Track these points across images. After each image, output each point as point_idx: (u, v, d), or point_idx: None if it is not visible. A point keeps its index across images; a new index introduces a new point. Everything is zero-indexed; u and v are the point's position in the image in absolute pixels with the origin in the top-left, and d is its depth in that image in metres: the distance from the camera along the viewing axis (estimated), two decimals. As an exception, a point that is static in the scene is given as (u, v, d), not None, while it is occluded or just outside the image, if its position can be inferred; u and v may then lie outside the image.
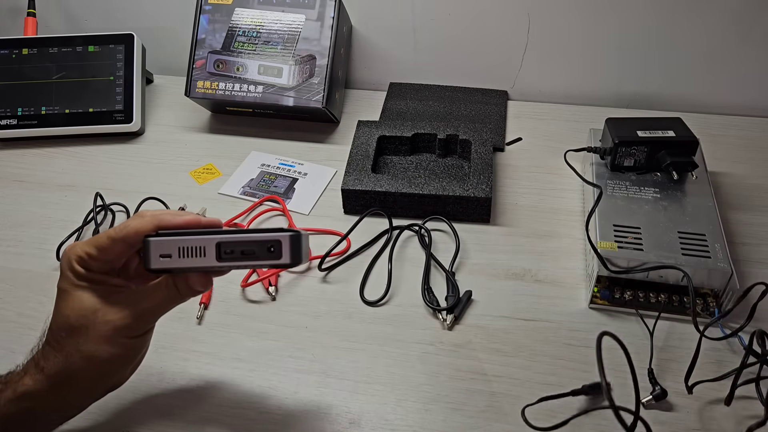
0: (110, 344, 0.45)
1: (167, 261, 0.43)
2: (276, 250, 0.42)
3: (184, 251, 0.43)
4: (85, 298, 0.45)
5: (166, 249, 0.43)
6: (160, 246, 0.43)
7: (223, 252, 0.42)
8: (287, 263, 0.42)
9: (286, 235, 0.42)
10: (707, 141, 0.80)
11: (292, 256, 0.42)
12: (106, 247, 0.45)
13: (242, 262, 0.42)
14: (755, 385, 0.56)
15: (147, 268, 0.43)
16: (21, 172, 0.87)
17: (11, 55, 0.92)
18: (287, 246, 0.42)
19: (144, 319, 0.47)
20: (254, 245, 0.42)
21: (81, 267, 0.46)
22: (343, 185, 0.76)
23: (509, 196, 0.80)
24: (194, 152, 0.89)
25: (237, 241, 0.42)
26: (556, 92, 0.98)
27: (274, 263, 0.42)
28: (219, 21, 0.89)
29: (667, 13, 0.88)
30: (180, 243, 0.43)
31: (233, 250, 0.43)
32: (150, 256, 0.43)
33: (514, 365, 0.60)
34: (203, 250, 0.42)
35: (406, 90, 1.00)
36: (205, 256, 0.43)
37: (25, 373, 0.47)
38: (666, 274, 0.62)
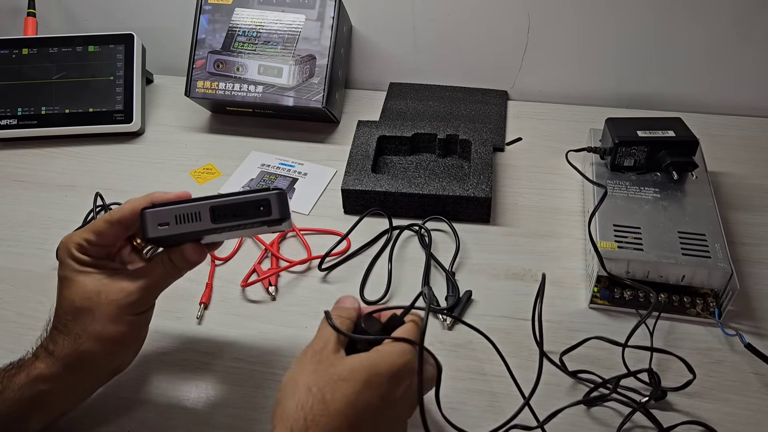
0: (116, 322, 0.48)
1: (165, 229, 0.46)
2: (265, 208, 0.46)
3: (180, 218, 0.46)
4: (88, 281, 0.48)
5: (164, 217, 0.46)
6: (157, 215, 0.46)
7: (217, 215, 0.45)
8: (277, 218, 0.45)
9: (273, 193, 0.46)
10: (707, 141, 0.80)
11: (281, 211, 0.46)
12: (104, 230, 0.48)
13: (235, 221, 0.46)
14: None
15: (145, 237, 0.46)
16: (21, 172, 0.87)
17: (11, 55, 0.92)
18: (275, 203, 0.46)
19: (146, 296, 0.49)
20: (245, 206, 0.46)
21: (81, 254, 0.48)
22: (343, 185, 0.76)
23: (509, 196, 0.80)
24: (194, 152, 0.89)
25: (229, 203, 0.46)
26: (556, 92, 0.98)
27: (265, 220, 0.46)
28: (219, 21, 0.89)
29: (666, 13, 0.88)
30: (176, 211, 0.46)
31: (226, 212, 0.46)
32: (148, 225, 0.46)
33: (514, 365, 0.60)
34: (198, 215, 0.46)
35: (406, 90, 1.00)
36: (201, 221, 0.46)
37: (36, 358, 0.48)
38: (666, 273, 0.62)
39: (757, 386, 0.57)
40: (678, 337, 0.62)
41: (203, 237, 0.48)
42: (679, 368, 0.58)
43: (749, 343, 0.59)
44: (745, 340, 0.60)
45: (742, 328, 0.62)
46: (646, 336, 0.61)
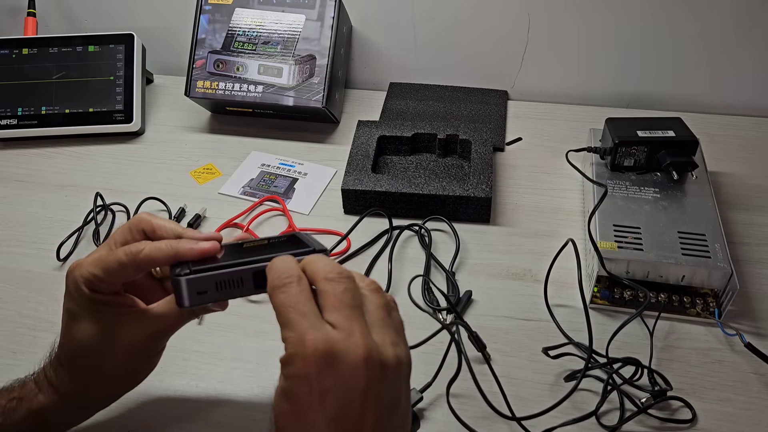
0: (127, 366, 0.46)
1: (204, 297, 0.41)
2: None
3: (221, 285, 0.41)
4: (96, 321, 0.44)
5: (203, 286, 0.41)
6: (196, 284, 0.40)
7: (259, 281, 0.41)
8: None
9: (319, 250, 0.42)
10: (707, 141, 0.80)
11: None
12: (115, 271, 0.43)
13: None
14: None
15: (182, 306, 0.41)
16: (21, 172, 0.87)
17: (11, 55, 0.92)
18: None
19: (158, 339, 0.47)
20: None
21: (88, 289, 0.43)
22: (343, 185, 0.76)
23: (509, 196, 0.80)
24: (194, 152, 0.89)
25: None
26: (556, 92, 0.98)
27: None
28: (219, 21, 0.89)
29: (667, 13, 0.88)
30: (217, 278, 0.41)
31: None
32: (185, 295, 0.41)
33: (514, 365, 0.60)
34: (241, 281, 0.41)
35: (406, 90, 1.00)
36: (243, 287, 0.41)
37: (39, 390, 0.47)
38: (666, 273, 0.62)
39: (758, 386, 0.57)
40: (678, 337, 0.62)
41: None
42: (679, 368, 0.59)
43: (749, 343, 0.59)
44: (745, 340, 0.60)
45: (742, 328, 0.62)
46: (646, 336, 0.61)
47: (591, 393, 0.57)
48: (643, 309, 0.61)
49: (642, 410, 0.54)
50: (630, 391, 0.57)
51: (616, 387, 0.56)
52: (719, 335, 0.62)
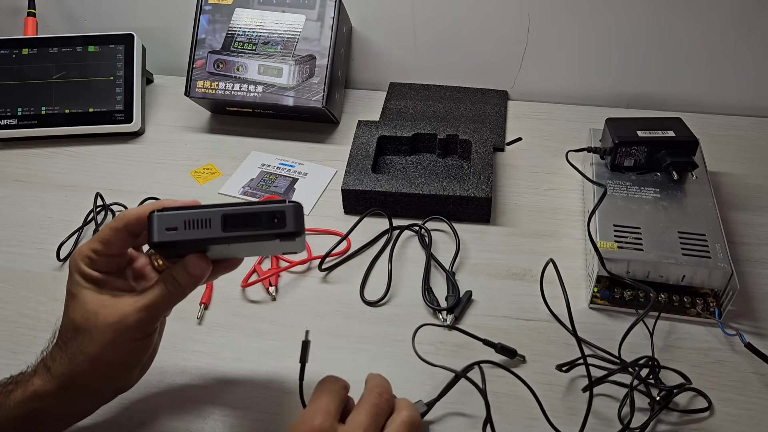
0: (113, 348, 0.45)
1: (172, 233, 0.43)
2: (280, 220, 0.43)
3: (189, 224, 0.43)
4: (90, 300, 0.45)
5: (172, 222, 0.43)
6: (165, 220, 0.43)
7: (228, 223, 0.43)
8: (291, 231, 0.43)
9: (290, 205, 0.43)
10: (707, 141, 0.80)
11: (296, 224, 0.43)
12: (110, 238, 0.46)
13: (247, 231, 0.43)
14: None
15: (151, 241, 0.43)
16: (21, 172, 0.87)
17: (11, 55, 0.92)
18: (291, 215, 0.43)
19: (145, 320, 0.46)
20: (259, 216, 0.43)
21: (88, 267, 0.46)
22: (343, 185, 0.76)
23: (509, 196, 0.80)
24: (194, 152, 0.89)
25: (242, 212, 0.43)
26: (556, 92, 0.98)
27: (278, 232, 0.43)
28: (219, 21, 0.89)
29: (666, 13, 0.88)
30: (186, 216, 0.43)
31: (238, 221, 0.43)
32: (155, 229, 0.43)
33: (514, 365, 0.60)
34: (209, 221, 0.43)
35: (406, 90, 1.00)
36: (211, 228, 0.43)
37: (35, 373, 0.47)
38: (666, 273, 0.62)
39: (758, 386, 0.57)
40: (678, 337, 0.62)
41: (211, 248, 0.46)
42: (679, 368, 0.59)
43: (749, 343, 0.59)
44: (745, 340, 0.60)
45: (742, 328, 0.62)
46: (646, 336, 0.61)
47: (605, 397, 0.57)
48: (650, 309, 0.61)
49: (663, 406, 0.55)
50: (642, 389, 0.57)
51: (633, 388, 0.56)
52: (719, 335, 0.62)
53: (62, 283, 0.56)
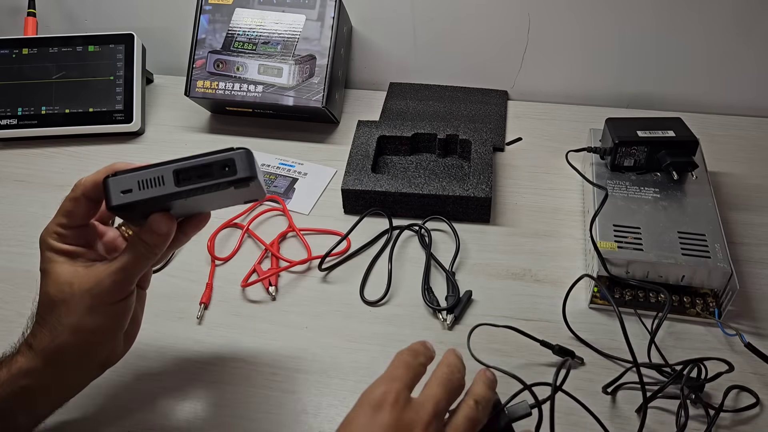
0: (91, 313, 0.46)
1: (129, 195, 0.44)
2: (231, 168, 0.44)
3: (143, 183, 0.44)
4: (63, 272, 0.46)
5: (126, 184, 0.44)
6: (119, 183, 0.44)
7: (180, 178, 0.44)
8: (244, 177, 0.44)
9: (238, 152, 0.44)
10: (707, 141, 0.80)
11: (248, 169, 0.44)
12: (71, 209, 0.47)
13: (200, 183, 0.44)
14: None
15: (109, 206, 0.44)
16: (21, 172, 0.87)
17: (11, 55, 0.92)
18: (242, 162, 0.44)
19: (120, 282, 0.46)
20: (209, 167, 0.44)
21: (58, 242, 0.47)
22: (343, 185, 0.76)
23: (509, 196, 0.80)
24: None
25: (193, 165, 0.44)
26: (556, 92, 0.98)
27: (231, 179, 0.44)
28: (219, 21, 0.89)
29: (667, 13, 0.88)
30: (138, 176, 0.44)
31: (190, 174, 0.44)
32: (111, 193, 0.44)
33: (514, 365, 0.60)
34: (161, 179, 0.44)
35: (406, 90, 1.00)
36: (165, 185, 0.44)
37: (18, 352, 0.47)
38: (666, 273, 0.62)
39: (758, 386, 0.57)
40: (678, 337, 0.62)
41: (171, 204, 0.46)
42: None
43: (749, 343, 0.59)
44: (745, 340, 0.60)
45: (742, 328, 0.62)
46: (646, 336, 0.61)
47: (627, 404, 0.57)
48: (668, 311, 0.61)
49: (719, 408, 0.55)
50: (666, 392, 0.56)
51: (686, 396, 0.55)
52: (719, 335, 0.62)
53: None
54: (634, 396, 0.57)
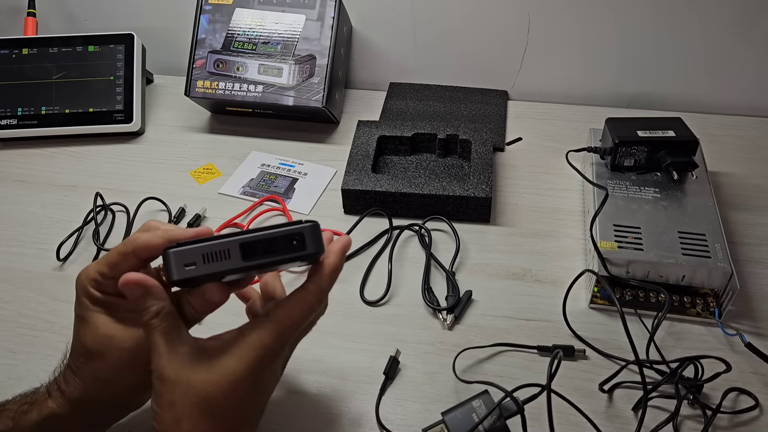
0: (128, 372, 0.45)
1: (192, 270, 0.41)
2: (299, 242, 0.42)
3: (208, 257, 0.41)
4: (101, 324, 0.44)
5: (190, 257, 0.41)
6: (183, 255, 0.41)
7: (247, 252, 0.42)
8: (312, 252, 0.42)
9: (307, 225, 0.42)
10: (707, 141, 0.80)
11: (316, 245, 0.42)
12: (117, 262, 0.44)
13: (267, 258, 0.42)
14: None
15: (170, 280, 0.41)
16: (21, 172, 0.87)
17: (11, 55, 0.92)
18: (310, 236, 0.42)
19: None
20: (278, 241, 0.42)
21: (95, 290, 0.45)
22: (343, 185, 0.76)
23: (509, 196, 0.80)
24: (194, 152, 0.89)
25: (260, 239, 0.42)
26: (556, 92, 0.98)
27: (299, 255, 0.42)
28: (219, 21, 0.89)
29: (667, 13, 0.88)
30: (203, 249, 0.41)
31: (257, 249, 0.42)
32: (173, 267, 0.41)
33: (514, 365, 0.60)
34: (227, 252, 0.41)
35: (406, 90, 1.00)
36: (230, 258, 0.41)
37: (49, 395, 0.47)
38: (666, 273, 0.62)
39: (758, 386, 0.57)
40: (678, 337, 0.62)
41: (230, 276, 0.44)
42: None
43: (749, 343, 0.59)
44: (745, 340, 0.60)
45: (742, 328, 0.62)
46: (645, 336, 0.61)
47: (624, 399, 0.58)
48: (668, 311, 0.61)
49: (716, 410, 0.55)
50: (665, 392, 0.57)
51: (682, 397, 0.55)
52: (719, 335, 0.62)
53: (62, 282, 0.56)
54: (631, 394, 0.57)
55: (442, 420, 0.53)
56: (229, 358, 0.42)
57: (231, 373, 0.41)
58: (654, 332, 0.60)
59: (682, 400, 0.55)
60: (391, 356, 0.60)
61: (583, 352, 0.61)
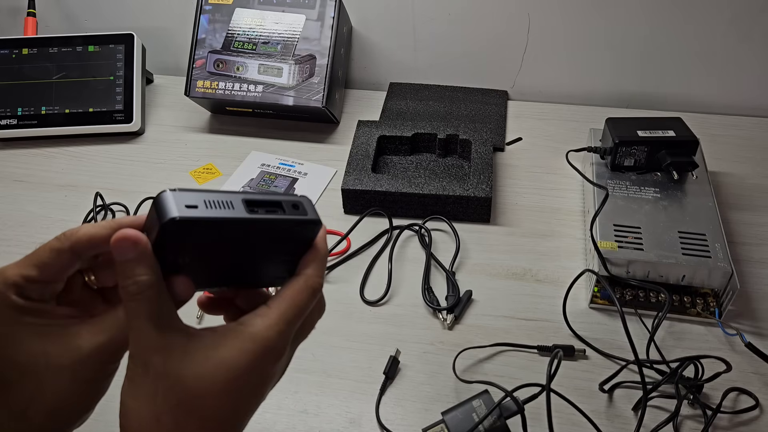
0: (71, 393, 0.36)
1: (194, 211, 0.36)
2: (301, 208, 0.41)
3: (210, 203, 0.37)
4: (31, 338, 0.35)
5: (192, 200, 0.36)
6: (183, 197, 0.36)
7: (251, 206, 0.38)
8: (313, 219, 0.41)
9: (305, 197, 0.42)
10: (707, 141, 0.80)
11: (314, 214, 0.41)
12: (49, 262, 0.36)
13: (272, 215, 0.39)
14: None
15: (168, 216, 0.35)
16: (21, 172, 0.87)
17: (11, 55, 0.92)
18: (310, 206, 0.41)
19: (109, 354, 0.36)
20: (280, 204, 0.40)
21: (19, 297, 0.35)
22: (343, 185, 0.76)
23: (509, 196, 0.80)
24: (194, 152, 0.89)
25: (263, 199, 0.40)
26: (556, 92, 0.98)
27: (301, 218, 0.40)
28: (219, 21, 0.89)
29: (667, 13, 0.88)
30: (205, 197, 0.37)
31: (259, 207, 0.39)
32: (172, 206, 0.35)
33: (514, 365, 0.60)
34: (231, 203, 0.38)
35: (406, 90, 1.00)
36: (234, 209, 0.38)
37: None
38: (666, 273, 0.62)
39: (758, 386, 0.57)
40: (678, 337, 0.62)
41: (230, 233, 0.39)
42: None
43: (750, 343, 0.59)
44: (745, 340, 0.60)
45: (742, 328, 0.62)
46: (645, 336, 0.61)
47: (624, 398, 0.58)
48: (668, 310, 0.61)
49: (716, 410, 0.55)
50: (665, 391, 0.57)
51: (682, 397, 0.56)
52: (719, 335, 0.62)
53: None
54: (631, 394, 0.57)
55: (442, 420, 0.53)
56: (227, 351, 0.35)
57: (228, 369, 0.34)
58: (654, 332, 0.60)
59: (682, 400, 0.55)
60: (391, 356, 0.60)
61: (583, 352, 0.61)
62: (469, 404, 0.53)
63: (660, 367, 0.58)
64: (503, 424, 0.51)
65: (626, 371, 0.58)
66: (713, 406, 0.55)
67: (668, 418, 0.54)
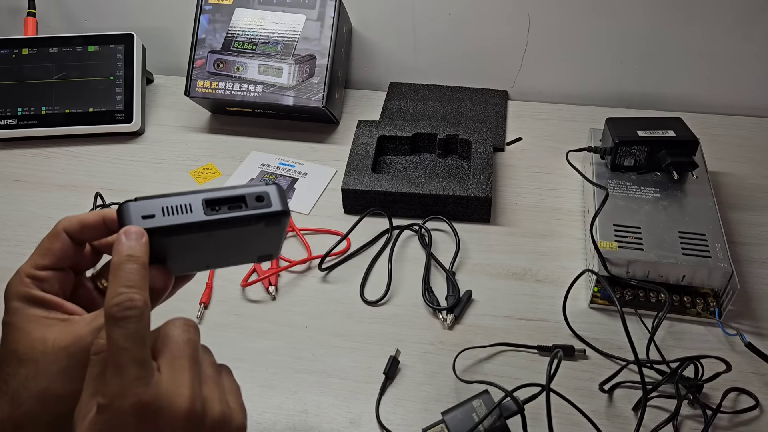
0: (65, 377, 0.37)
1: (149, 221, 0.37)
2: (266, 200, 0.40)
3: (168, 210, 0.38)
4: (34, 326, 0.38)
5: (148, 209, 0.38)
6: (140, 207, 0.38)
7: (211, 207, 0.39)
8: (278, 210, 0.40)
9: (272, 186, 0.41)
10: (707, 141, 0.80)
11: (283, 204, 0.40)
12: (49, 246, 0.40)
13: (232, 213, 0.39)
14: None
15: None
16: (21, 172, 0.87)
17: (11, 55, 0.92)
18: (276, 195, 0.40)
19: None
20: (242, 198, 0.40)
21: (32, 289, 0.39)
22: (343, 185, 0.76)
23: (509, 196, 0.80)
24: (194, 152, 0.89)
25: (224, 196, 0.40)
26: (556, 92, 0.98)
27: (264, 212, 0.40)
28: (219, 21, 0.89)
29: (667, 13, 0.88)
30: (162, 203, 0.38)
31: (221, 205, 0.39)
32: (128, 218, 0.38)
33: (514, 365, 0.60)
34: (189, 206, 0.39)
35: (406, 90, 1.00)
36: (192, 212, 0.39)
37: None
38: (666, 273, 0.62)
39: (758, 386, 0.57)
40: (678, 337, 0.62)
41: (189, 235, 0.40)
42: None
43: (750, 343, 0.59)
44: (745, 340, 0.60)
45: (742, 328, 0.62)
46: (645, 336, 0.61)
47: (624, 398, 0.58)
48: (668, 311, 0.61)
49: (716, 410, 0.55)
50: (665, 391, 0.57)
51: (682, 397, 0.55)
52: (719, 335, 0.62)
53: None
54: (631, 394, 0.57)
55: (442, 420, 0.53)
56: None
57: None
58: (654, 332, 0.60)
59: (682, 400, 0.55)
60: (391, 356, 0.60)
61: (583, 351, 0.61)
62: (469, 404, 0.53)
63: (660, 367, 0.58)
64: (503, 424, 0.51)
65: (626, 371, 0.58)
66: (713, 406, 0.55)
67: (668, 418, 0.54)
